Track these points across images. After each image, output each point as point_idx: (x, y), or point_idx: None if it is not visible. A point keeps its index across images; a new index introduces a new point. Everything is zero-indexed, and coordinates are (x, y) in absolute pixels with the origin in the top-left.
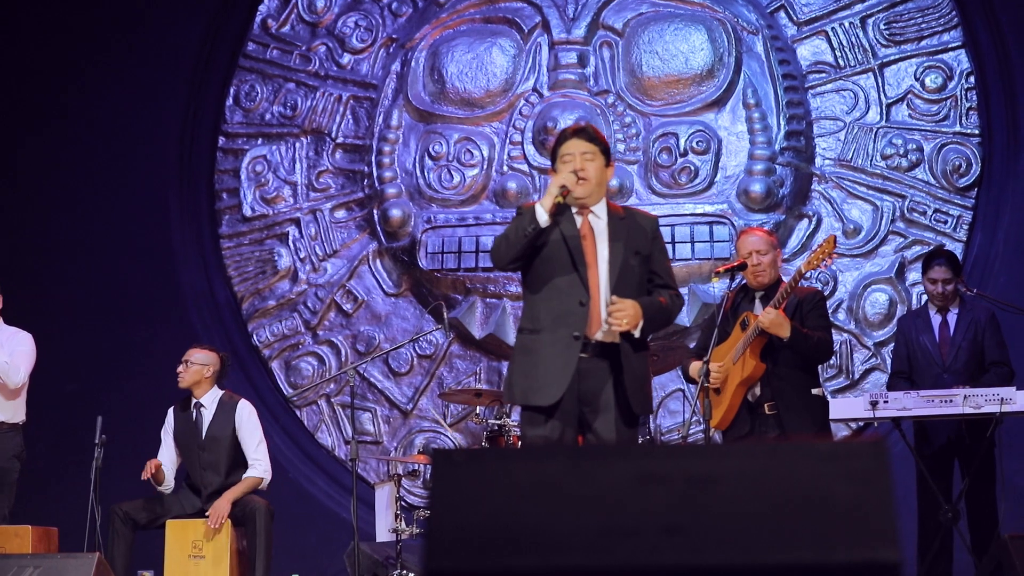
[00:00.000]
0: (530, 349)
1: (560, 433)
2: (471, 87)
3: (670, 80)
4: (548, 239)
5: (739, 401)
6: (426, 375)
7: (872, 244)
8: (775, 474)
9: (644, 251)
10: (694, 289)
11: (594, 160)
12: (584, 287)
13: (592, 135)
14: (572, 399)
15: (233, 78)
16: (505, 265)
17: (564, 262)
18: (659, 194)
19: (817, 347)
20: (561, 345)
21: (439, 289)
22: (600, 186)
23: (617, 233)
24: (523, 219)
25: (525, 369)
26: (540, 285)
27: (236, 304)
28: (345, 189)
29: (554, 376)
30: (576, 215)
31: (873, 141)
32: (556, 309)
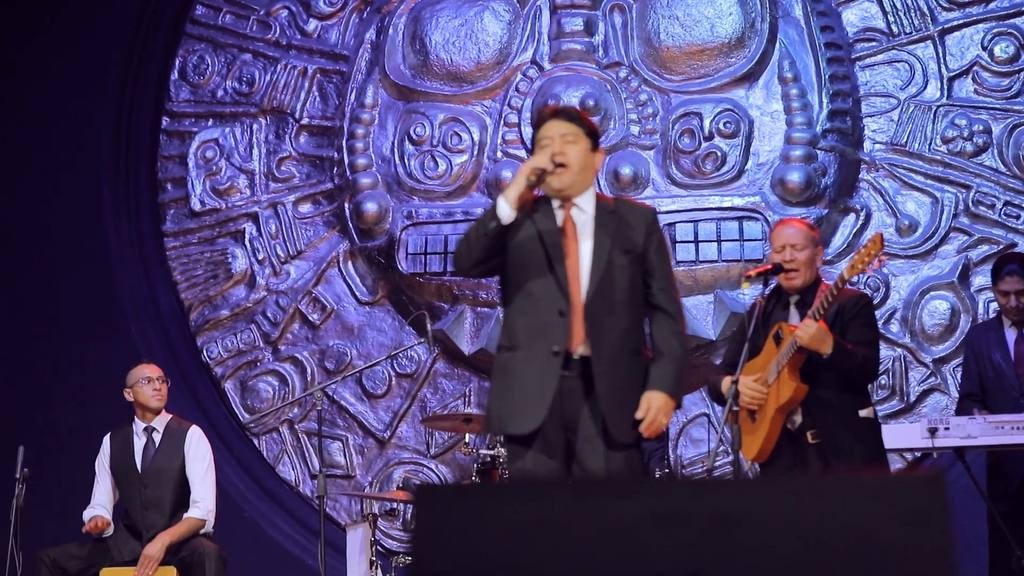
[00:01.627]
0: (506, 369)
1: (544, 466)
2: (459, 59)
3: (693, 50)
4: (522, 238)
5: (778, 429)
6: (406, 397)
7: (931, 243)
8: (813, 513)
9: (636, 248)
10: (721, 296)
11: (576, 143)
12: (563, 293)
13: (573, 115)
14: (555, 425)
15: (178, 48)
16: (468, 269)
17: (540, 264)
18: (680, 184)
19: (862, 368)
20: (539, 363)
21: (422, 296)
22: (585, 173)
23: (603, 227)
24: (485, 215)
25: (501, 392)
26: (514, 293)
27: (183, 314)
28: (311, 179)
29: (531, 400)
30: (558, 209)
31: (932, 122)
32: (532, 321)
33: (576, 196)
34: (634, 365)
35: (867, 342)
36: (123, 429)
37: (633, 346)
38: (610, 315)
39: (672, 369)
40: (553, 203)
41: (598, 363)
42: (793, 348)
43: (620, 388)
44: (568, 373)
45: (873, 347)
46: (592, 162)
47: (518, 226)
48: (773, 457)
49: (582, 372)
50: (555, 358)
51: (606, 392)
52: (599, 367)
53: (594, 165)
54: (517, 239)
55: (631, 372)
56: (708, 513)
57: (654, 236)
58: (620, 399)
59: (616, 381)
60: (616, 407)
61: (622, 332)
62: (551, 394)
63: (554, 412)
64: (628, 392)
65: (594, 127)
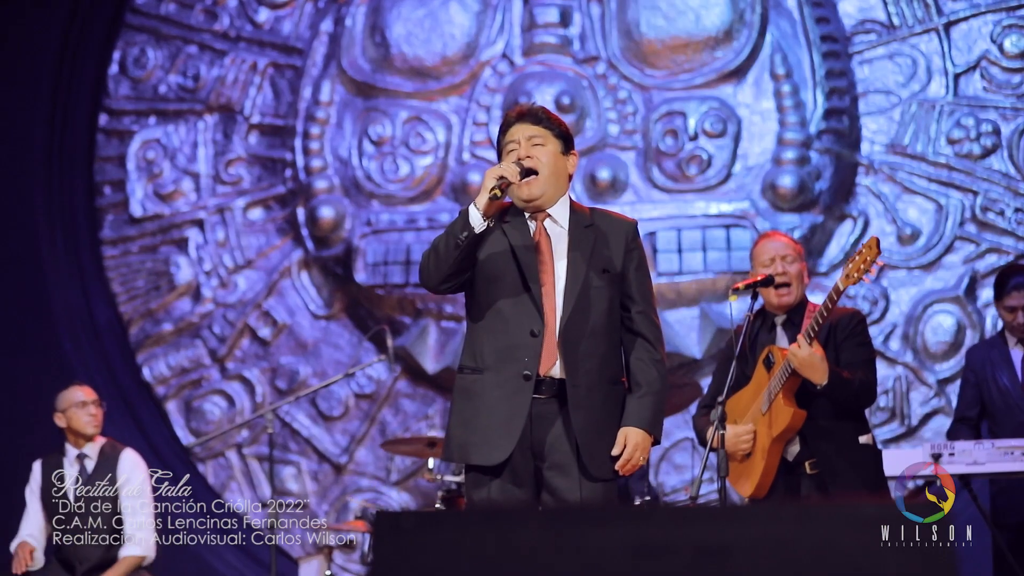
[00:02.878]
0: (471, 393)
1: (511, 497)
2: (422, 52)
3: (677, 44)
4: (493, 252)
5: (777, 460)
6: (365, 419)
7: (934, 253)
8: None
9: (614, 267)
10: (706, 311)
11: (545, 145)
12: (537, 312)
13: (541, 116)
14: (524, 453)
15: (117, 39)
16: (436, 285)
17: (512, 281)
18: (662, 189)
19: (858, 395)
20: (509, 387)
21: (382, 310)
22: (557, 179)
23: (579, 243)
24: (455, 224)
25: (465, 418)
26: (483, 311)
27: (121, 328)
28: (262, 182)
29: (499, 428)
30: (529, 220)
31: (936, 121)
32: (502, 341)
33: (549, 206)
34: (612, 395)
35: (863, 362)
36: (54, 456)
37: (611, 374)
38: (587, 340)
39: (651, 402)
40: (524, 215)
41: (574, 392)
42: (787, 372)
43: (598, 420)
44: (540, 396)
45: (869, 369)
46: (564, 166)
47: (489, 241)
48: (773, 491)
49: (556, 395)
50: (526, 382)
51: (583, 423)
52: (575, 396)
53: (566, 169)
54: (488, 253)
55: (609, 402)
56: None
57: (634, 254)
58: (598, 431)
59: (593, 412)
60: (594, 439)
61: (600, 359)
62: (521, 422)
63: (523, 438)
64: (606, 424)
65: (565, 128)
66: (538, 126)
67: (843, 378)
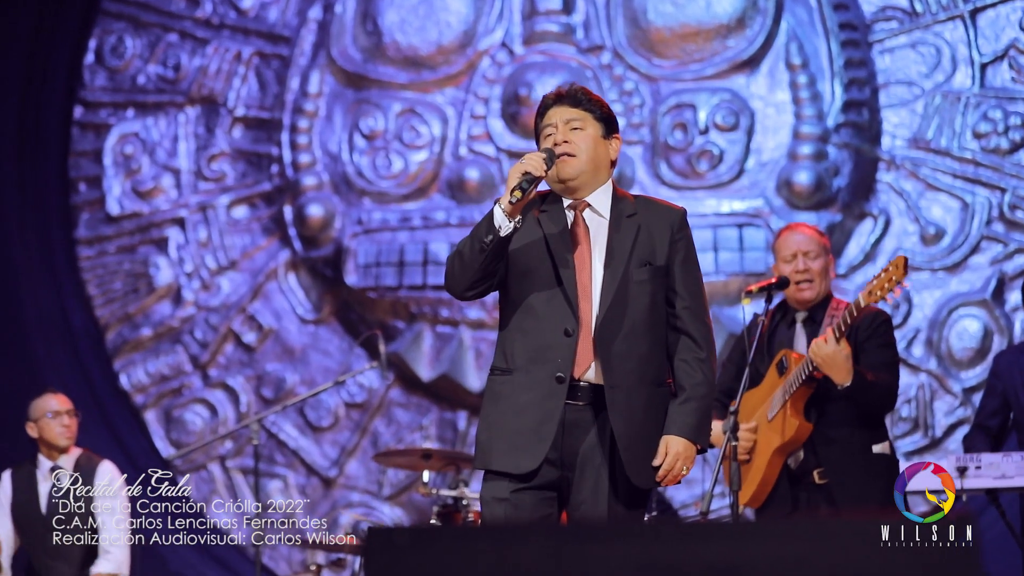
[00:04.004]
0: (499, 395)
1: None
2: (417, 41)
3: (686, 32)
4: (525, 244)
5: (777, 471)
6: (356, 430)
7: (960, 254)
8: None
9: (659, 260)
10: (717, 315)
11: (584, 129)
12: (571, 310)
13: (580, 97)
14: (553, 462)
15: (93, 27)
16: (463, 292)
17: (546, 276)
18: (670, 185)
19: (880, 398)
20: (540, 390)
21: (374, 314)
22: (598, 167)
23: (620, 234)
24: (480, 226)
25: (491, 422)
26: (515, 308)
27: (98, 333)
28: (247, 178)
29: (529, 433)
30: (567, 209)
31: (962, 114)
32: (534, 342)
33: (587, 193)
34: (655, 398)
35: (886, 364)
36: (25, 467)
37: (654, 375)
38: (626, 339)
39: (694, 407)
40: (563, 202)
41: (613, 394)
42: (799, 380)
43: (640, 424)
44: (573, 402)
45: (892, 372)
46: (605, 152)
47: (522, 231)
48: (770, 502)
49: (591, 401)
50: (559, 385)
51: (624, 428)
52: (614, 399)
53: (608, 155)
54: (519, 246)
55: (652, 406)
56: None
57: (680, 245)
58: (641, 436)
59: (635, 416)
60: (636, 445)
61: (641, 358)
62: (553, 427)
63: (553, 445)
64: (649, 429)
65: (607, 109)
66: (577, 108)
67: (867, 380)
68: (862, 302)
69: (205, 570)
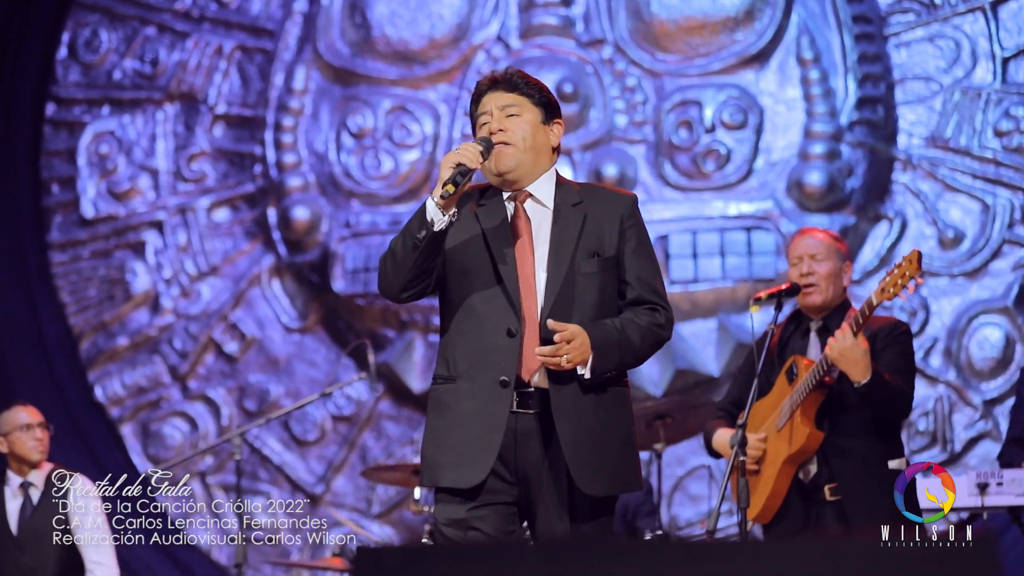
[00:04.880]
0: (443, 405)
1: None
2: (408, 35)
3: (692, 25)
4: (463, 241)
5: (787, 484)
6: (343, 445)
7: (980, 259)
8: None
9: (608, 250)
10: (725, 323)
11: (521, 116)
12: (513, 309)
13: (517, 82)
14: (506, 476)
15: (67, 19)
16: (397, 294)
17: (485, 274)
18: (675, 186)
19: (895, 401)
20: (484, 396)
21: (362, 322)
22: (538, 155)
23: (565, 224)
24: (412, 222)
25: (436, 435)
26: (455, 311)
27: (71, 343)
28: (228, 179)
29: (475, 444)
30: (507, 201)
31: (982, 111)
32: (476, 345)
33: (528, 183)
34: (607, 398)
35: (900, 373)
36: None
37: None
38: None
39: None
40: (503, 194)
41: (558, 397)
42: (809, 386)
43: (590, 427)
44: (525, 411)
45: (909, 379)
46: (545, 138)
47: (459, 227)
48: (779, 517)
49: (542, 408)
50: (503, 390)
51: (572, 432)
52: (560, 402)
53: (549, 141)
54: (457, 242)
55: (603, 406)
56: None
57: (631, 232)
58: (591, 439)
59: (584, 418)
60: (585, 451)
61: None
62: (499, 436)
63: (505, 459)
64: (601, 431)
65: (547, 93)
66: (513, 93)
67: (884, 379)
68: (875, 300)
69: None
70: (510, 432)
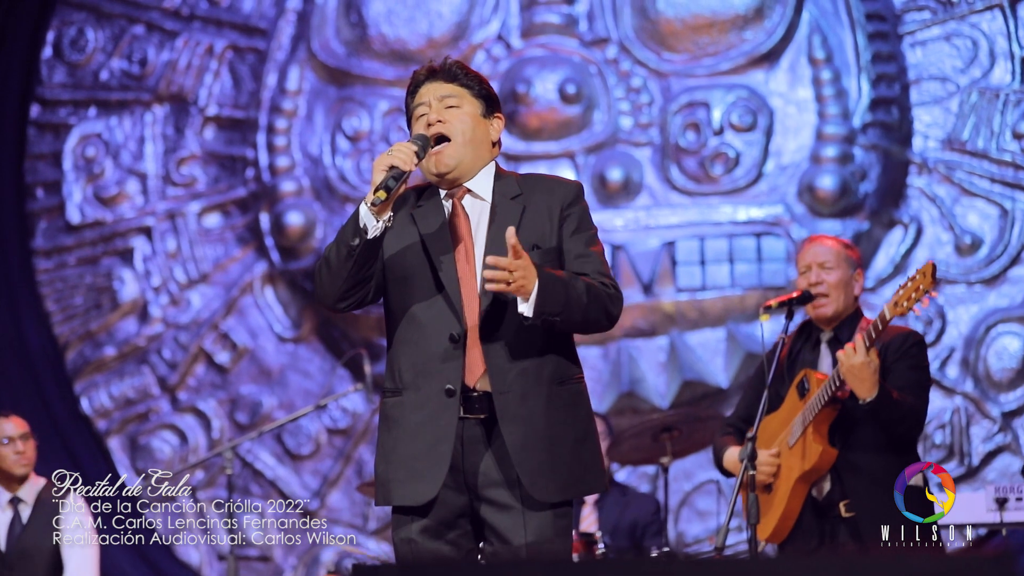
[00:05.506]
0: (391, 420)
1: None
2: (405, 33)
3: (699, 23)
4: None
5: (800, 503)
6: (339, 458)
7: (998, 265)
8: None
9: (548, 241)
10: (734, 332)
11: (461, 107)
12: (455, 313)
13: (457, 72)
14: (456, 487)
15: (51, 17)
16: (334, 303)
17: (424, 279)
18: (682, 191)
19: (905, 418)
20: (431, 407)
21: (358, 332)
22: (477, 147)
23: (503, 218)
24: (346, 228)
25: (386, 450)
26: (398, 320)
27: (56, 353)
28: (219, 184)
29: (424, 458)
30: (445, 200)
31: (1000, 113)
32: (420, 354)
33: (468, 179)
34: (557, 398)
35: (915, 385)
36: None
37: (554, 372)
38: (518, 335)
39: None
40: (440, 193)
41: (503, 400)
42: (822, 402)
43: (539, 429)
44: (472, 416)
45: (921, 395)
46: (485, 132)
47: (396, 232)
48: (793, 536)
49: (489, 413)
50: (450, 399)
51: (520, 436)
52: (505, 405)
53: (489, 135)
54: (395, 248)
55: (553, 407)
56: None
57: (571, 219)
58: (541, 442)
59: (532, 421)
60: (535, 454)
61: (537, 355)
62: (449, 447)
63: (454, 468)
64: (551, 435)
65: (487, 86)
66: (453, 83)
67: (892, 398)
68: (888, 314)
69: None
70: (457, 439)
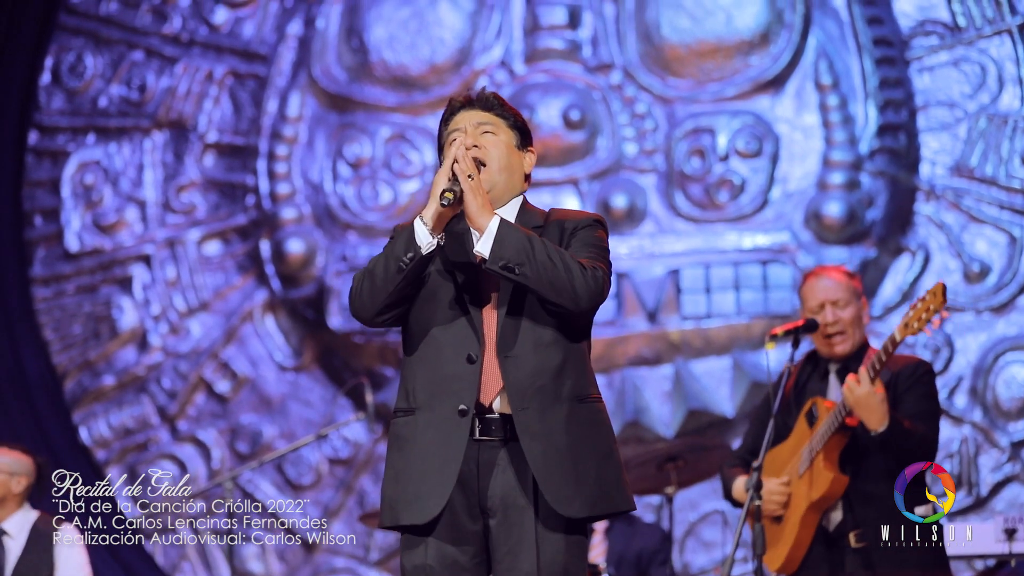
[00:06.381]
0: (402, 440)
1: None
2: (407, 59)
3: (705, 49)
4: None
5: (811, 532)
6: (340, 488)
7: (1007, 293)
8: None
9: None
10: (739, 361)
11: (497, 134)
12: (475, 334)
13: (493, 103)
14: (469, 509)
15: (50, 43)
16: (372, 317)
17: (447, 300)
18: (687, 218)
19: (918, 447)
20: (444, 427)
21: (360, 360)
22: (511, 176)
23: None
24: (397, 243)
25: (396, 471)
26: (417, 340)
27: (55, 382)
28: (220, 211)
29: (431, 478)
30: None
31: (1009, 139)
32: (436, 373)
33: (498, 206)
34: (578, 414)
35: (923, 416)
36: None
37: (573, 389)
38: (535, 354)
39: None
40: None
41: (523, 417)
42: (832, 429)
43: (561, 445)
44: (488, 439)
45: (932, 424)
46: (519, 162)
47: None
48: (804, 567)
49: (506, 436)
50: (462, 419)
51: (541, 452)
52: (525, 422)
53: (522, 167)
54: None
55: (575, 423)
56: None
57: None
58: (564, 458)
59: (553, 437)
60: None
61: (554, 373)
62: (457, 466)
63: (467, 490)
64: (575, 449)
65: (522, 120)
66: (489, 112)
67: (904, 427)
68: (898, 336)
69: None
70: (472, 462)
